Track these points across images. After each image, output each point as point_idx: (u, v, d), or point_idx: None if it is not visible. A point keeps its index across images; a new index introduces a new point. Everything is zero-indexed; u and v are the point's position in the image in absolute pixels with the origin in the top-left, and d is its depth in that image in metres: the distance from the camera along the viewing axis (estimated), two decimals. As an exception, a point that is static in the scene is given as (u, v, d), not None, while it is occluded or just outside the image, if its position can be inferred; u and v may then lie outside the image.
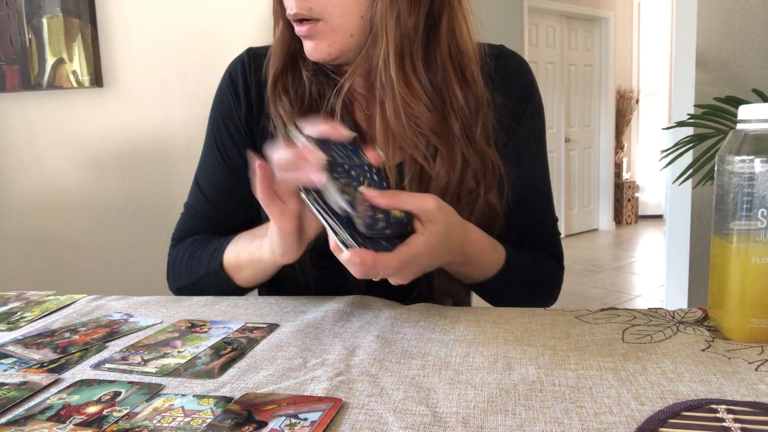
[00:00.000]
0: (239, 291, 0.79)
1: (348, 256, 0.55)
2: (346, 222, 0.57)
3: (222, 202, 0.83)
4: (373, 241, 0.57)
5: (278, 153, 0.57)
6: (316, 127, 0.58)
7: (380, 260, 0.55)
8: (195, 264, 0.80)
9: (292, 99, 0.76)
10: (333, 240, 0.57)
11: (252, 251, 0.73)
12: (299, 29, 0.71)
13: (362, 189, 0.56)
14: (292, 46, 0.76)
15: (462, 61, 0.73)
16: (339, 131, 0.58)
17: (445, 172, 0.73)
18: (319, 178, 0.55)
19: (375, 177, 0.58)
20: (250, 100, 0.81)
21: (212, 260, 0.78)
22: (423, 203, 0.58)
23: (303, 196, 0.59)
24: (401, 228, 0.59)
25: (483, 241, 0.72)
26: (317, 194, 0.58)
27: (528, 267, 0.79)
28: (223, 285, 0.78)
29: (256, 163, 0.59)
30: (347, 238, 0.55)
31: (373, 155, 0.59)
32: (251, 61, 0.82)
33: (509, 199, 0.78)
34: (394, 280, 0.59)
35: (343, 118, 0.75)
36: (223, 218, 0.84)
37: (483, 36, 0.77)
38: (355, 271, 0.56)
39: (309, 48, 0.72)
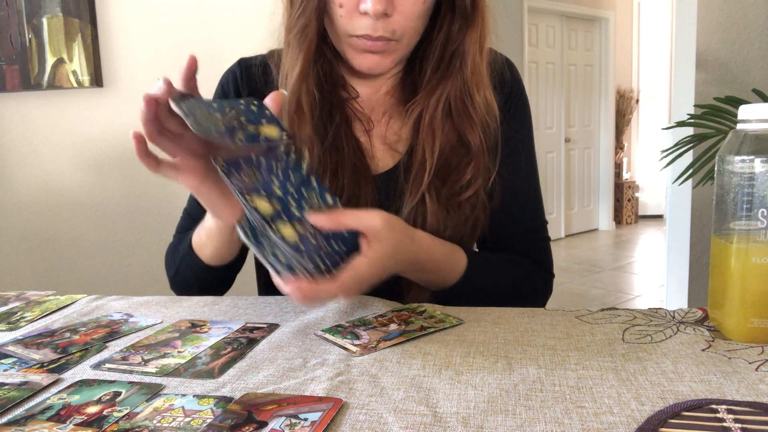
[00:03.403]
0: (211, 273, 0.78)
1: (289, 289, 0.54)
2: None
3: None
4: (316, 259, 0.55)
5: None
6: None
7: (320, 290, 0.55)
8: (177, 252, 0.81)
9: (307, 115, 0.76)
10: (272, 274, 0.55)
11: (205, 223, 0.72)
12: (373, 45, 0.70)
13: (307, 215, 0.53)
14: (312, 57, 0.75)
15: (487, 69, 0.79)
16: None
17: (474, 169, 0.77)
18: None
19: (328, 197, 0.55)
20: None
21: (185, 244, 0.79)
22: (369, 220, 0.57)
23: (240, 233, 0.55)
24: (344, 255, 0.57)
25: (437, 248, 0.72)
26: (251, 229, 0.55)
27: (497, 272, 0.78)
28: (195, 267, 0.77)
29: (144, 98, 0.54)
30: (283, 268, 0.54)
31: (274, 103, 0.56)
32: (243, 72, 0.83)
33: (496, 203, 0.79)
34: (343, 298, 0.61)
35: (346, 134, 0.78)
36: None
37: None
38: (298, 301, 0.55)
39: (371, 63, 0.72)
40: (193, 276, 0.79)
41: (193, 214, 0.85)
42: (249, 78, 0.82)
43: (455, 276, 0.74)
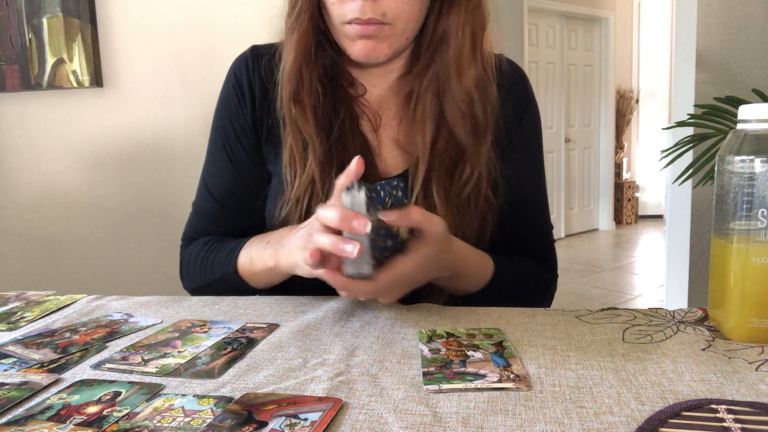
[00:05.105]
0: (253, 292, 0.80)
1: (328, 277, 0.58)
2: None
3: (230, 202, 0.84)
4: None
5: (328, 213, 0.58)
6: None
7: (353, 286, 0.58)
8: (209, 267, 0.81)
9: (309, 110, 0.76)
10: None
11: (266, 259, 0.74)
12: (364, 29, 0.70)
13: (380, 215, 0.57)
14: (310, 47, 0.76)
15: (489, 63, 0.78)
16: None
17: (470, 165, 0.76)
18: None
19: (400, 193, 0.59)
20: (254, 98, 0.82)
21: (226, 265, 0.79)
22: (435, 225, 0.60)
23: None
24: (401, 248, 0.60)
25: (472, 256, 0.73)
26: None
27: (517, 276, 0.80)
28: (237, 287, 0.79)
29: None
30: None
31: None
32: (255, 59, 0.82)
33: (501, 202, 0.79)
34: (381, 300, 0.62)
35: (352, 130, 0.77)
36: (232, 218, 0.85)
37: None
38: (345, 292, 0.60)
39: (366, 48, 0.72)
40: (232, 291, 0.79)
41: (208, 209, 0.85)
42: (258, 68, 0.82)
43: (483, 282, 0.75)
